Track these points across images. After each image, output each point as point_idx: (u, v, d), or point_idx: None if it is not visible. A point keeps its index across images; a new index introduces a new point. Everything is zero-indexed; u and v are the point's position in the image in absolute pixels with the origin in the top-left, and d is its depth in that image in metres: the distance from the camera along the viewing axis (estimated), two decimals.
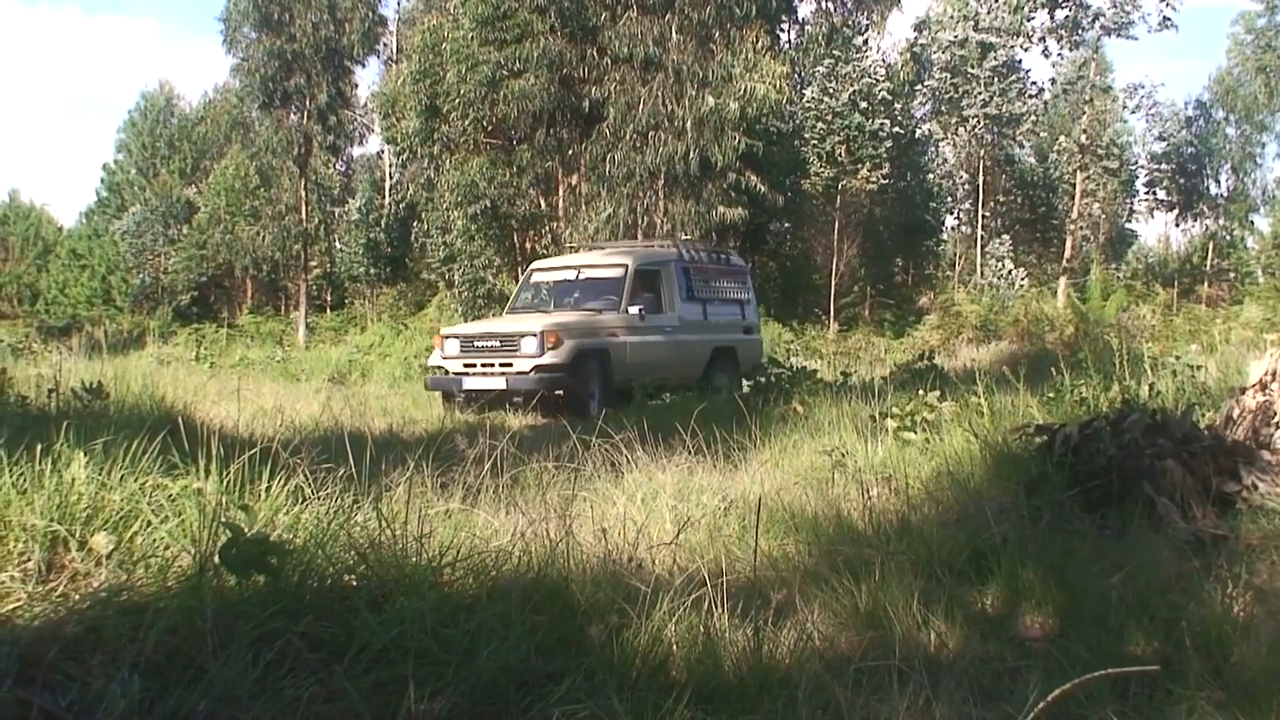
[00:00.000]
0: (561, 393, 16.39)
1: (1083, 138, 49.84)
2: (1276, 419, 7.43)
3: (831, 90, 46.93)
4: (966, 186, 54.54)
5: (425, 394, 18.67)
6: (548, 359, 16.50)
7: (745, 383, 18.28)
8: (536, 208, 37.07)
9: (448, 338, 17.76)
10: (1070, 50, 49.64)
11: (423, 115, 38.16)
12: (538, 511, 6.05)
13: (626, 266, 18.65)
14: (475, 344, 17.25)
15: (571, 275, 19.43)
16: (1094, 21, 47.37)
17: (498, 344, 17.02)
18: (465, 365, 17.16)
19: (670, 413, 11.94)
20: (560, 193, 37.54)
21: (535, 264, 21.14)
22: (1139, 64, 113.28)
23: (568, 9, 33.48)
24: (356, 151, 60.12)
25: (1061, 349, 20.74)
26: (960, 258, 55.84)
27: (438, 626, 3.86)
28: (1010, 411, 9.19)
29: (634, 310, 18.10)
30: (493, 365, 16.86)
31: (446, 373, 17.46)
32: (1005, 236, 51.57)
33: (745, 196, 35.99)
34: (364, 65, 50.49)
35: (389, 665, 3.67)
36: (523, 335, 16.80)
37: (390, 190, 54.21)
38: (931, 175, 54.38)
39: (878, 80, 47.66)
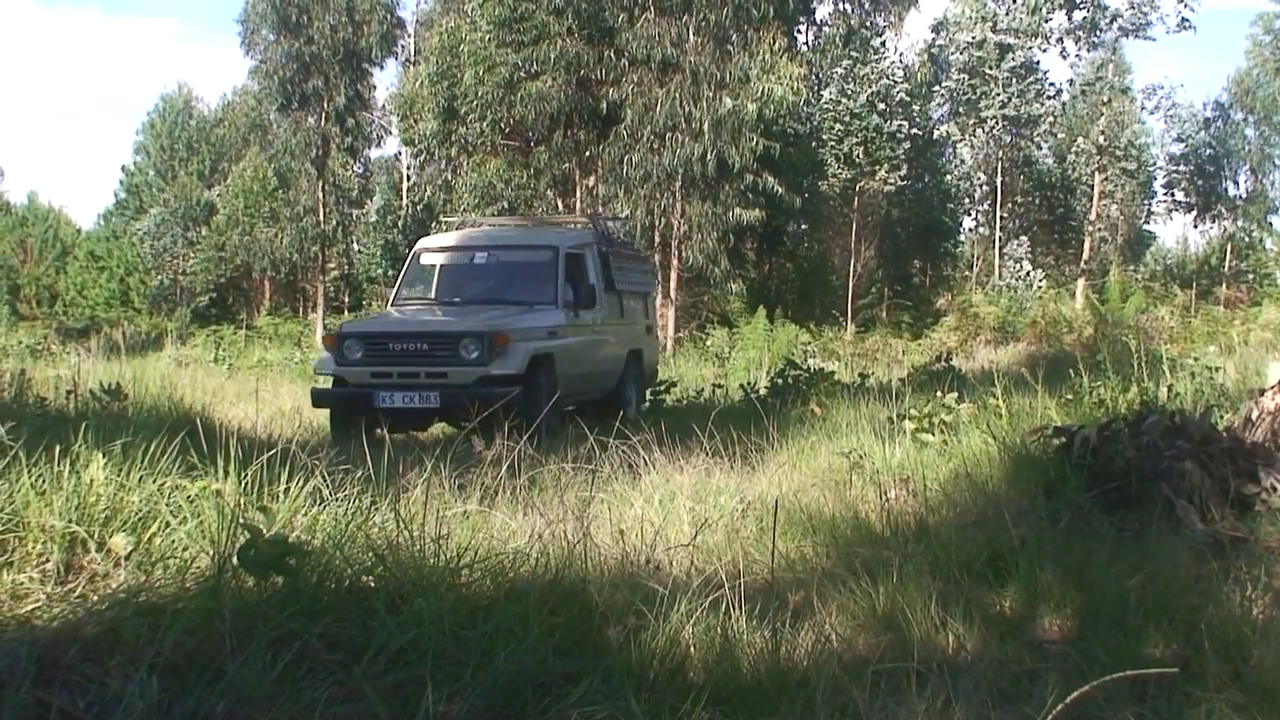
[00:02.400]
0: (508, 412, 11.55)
1: (1101, 139, 49.71)
2: None
3: (849, 91, 46.88)
4: (984, 188, 54.43)
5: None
6: (496, 367, 12.71)
7: (648, 394, 16.69)
8: (554, 209, 37.08)
9: (347, 338, 13.27)
10: (1088, 51, 49.54)
11: (440, 117, 38.24)
12: (555, 513, 6.04)
13: (556, 249, 14.78)
14: (391, 347, 13.10)
15: (481, 258, 15.22)
16: (1112, 22, 47.24)
17: (424, 347, 13.03)
18: (375, 375, 12.88)
19: (686, 414, 11.96)
20: (578, 194, 37.58)
21: (424, 242, 16.16)
22: (1157, 65, 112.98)
23: (585, 11, 33.52)
24: (374, 153, 60.15)
25: (1080, 351, 20.70)
26: (978, 259, 55.71)
27: (455, 628, 3.86)
28: (1028, 413, 9.17)
29: (569, 304, 14.33)
30: (417, 375, 12.84)
31: (343, 384, 13.12)
32: (1023, 238, 51.46)
33: (762, 198, 36.00)
34: (382, 67, 50.50)
35: (407, 666, 3.67)
36: (462, 336, 12.90)
37: (408, 192, 54.26)
38: (949, 176, 54.26)
39: (895, 81, 47.62)
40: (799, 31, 46.27)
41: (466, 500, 5.96)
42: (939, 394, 10.03)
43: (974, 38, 49.01)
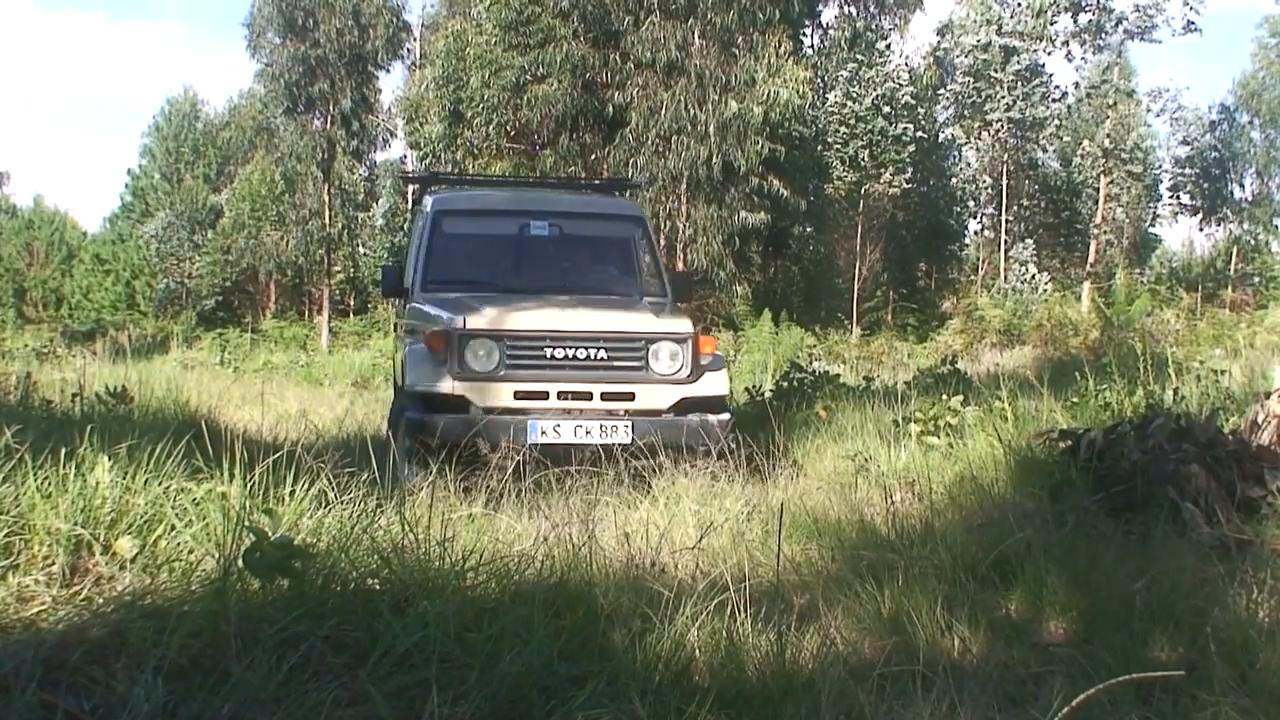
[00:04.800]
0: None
1: (1106, 142, 49.69)
2: None
3: (854, 94, 46.89)
4: (990, 191, 54.37)
5: None
6: (704, 386, 9.40)
7: None
8: None
9: (472, 336, 9.08)
10: (1094, 54, 49.51)
11: (446, 120, 38.29)
12: (560, 516, 6.05)
13: (641, 220, 11.85)
14: (547, 352, 9.19)
15: (540, 229, 11.10)
16: (1117, 25, 47.23)
17: (600, 354, 9.24)
18: (522, 395, 9.10)
19: None
20: None
21: (442, 200, 11.49)
22: (1163, 68, 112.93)
23: (591, 14, 33.53)
24: (380, 156, 60.23)
25: (1086, 354, 20.70)
26: (984, 262, 55.66)
27: (461, 631, 3.86)
28: (1034, 416, 9.17)
29: (665, 296, 11.12)
30: (588, 396, 9.17)
31: (466, 407, 8.99)
32: (1029, 241, 51.44)
33: (768, 201, 36.00)
34: (388, 70, 50.66)
35: (412, 669, 3.67)
36: (658, 339, 9.33)
37: (411, 195, 54.25)
38: (954, 180, 54.25)
39: (901, 84, 47.62)
40: (804, 35, 46.26)
41: (472, 503, 5.97)
42: (944, 397, 10.03)
43: (979, 41, 49.00)
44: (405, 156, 56.29)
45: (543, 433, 8.83)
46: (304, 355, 34.44)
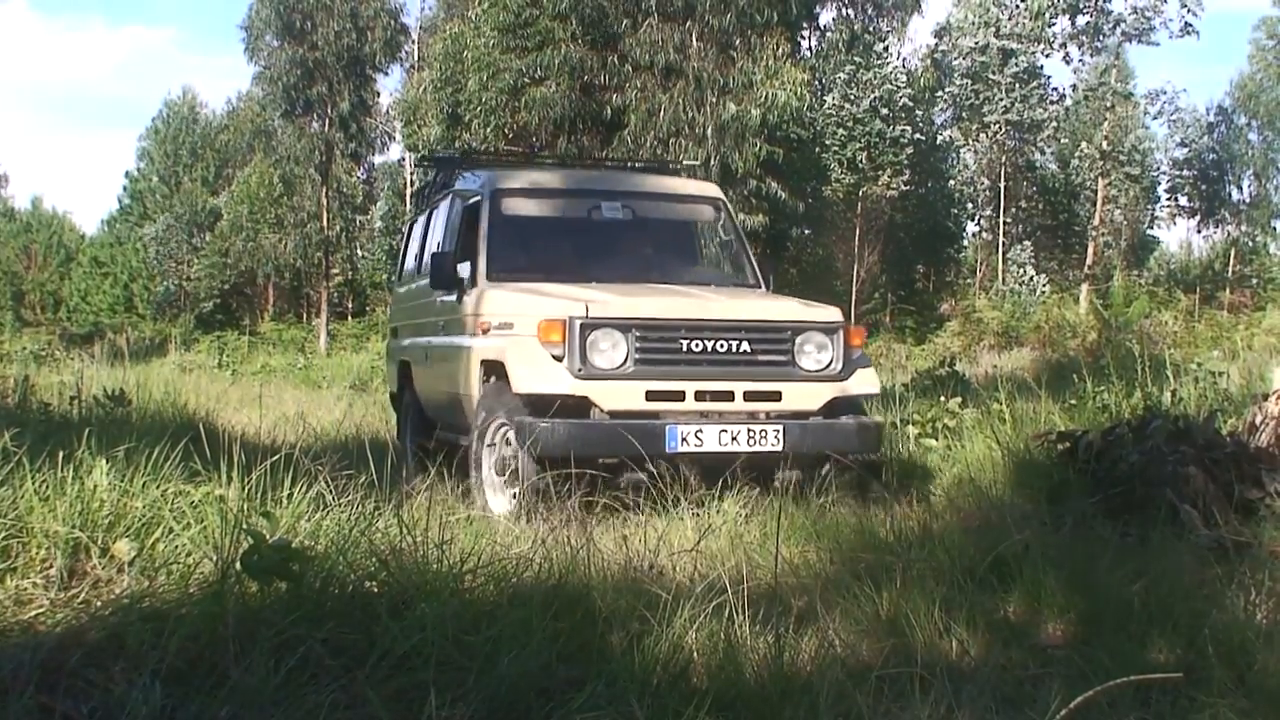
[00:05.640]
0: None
1: (1104, 144, 49.68)
2: None
3: (852, 97, 46.88)
4: (988, 193, 54.35)
5: None
6: (856, 384, 8.38)
7: None
8: None
9: (596, 326, 7.81)
10: (1091, 56, 49.49)
11: (444, 123, 38.28)
12: (558, 518, 6.05)
13: (719, 203, 10.56)
14: (682, 345, 7.94)
15: (612, 211, 9.98)
16: (1115, 27, 47.20)
17: (743, 347, 8.02)
18: (655, 395, 7.89)
19: None
20: None
21: (494, 178, 10.11)
22: (1160, 70, 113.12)
23: (589, 16, 33.51)
24: (378, 159, 60.36)
25: (1084, 355, 20.72)
26: (982, 264, 55.65)
27: (459, 633, 3.86)
28: (1032, 418, 9.17)
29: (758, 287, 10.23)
30: (729, 396, 7.98)
31: (587, 411, 7.80)
32: (1027, 243, 51.43)
33: (766, 203, 35.96)
34: (386, 73, 50.65)
35: (410, 672, 3.67)
36: (805, 329, 8.24)
37: (412, 198, 54.28)
38: (953, 181, 54.24)
39: (899, 87, 47.61)
40: (802, 37, 46.16)
41: (470, 506, 5.97)
42: (942, 399, 10.05)
43: (977, 43, 48.98)
44: (403, 159, 56.32)
45: (683, 439, 7.63)
46: (302, 358, 34.51)
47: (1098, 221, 50.31)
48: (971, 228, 58.48)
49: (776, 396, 8.02)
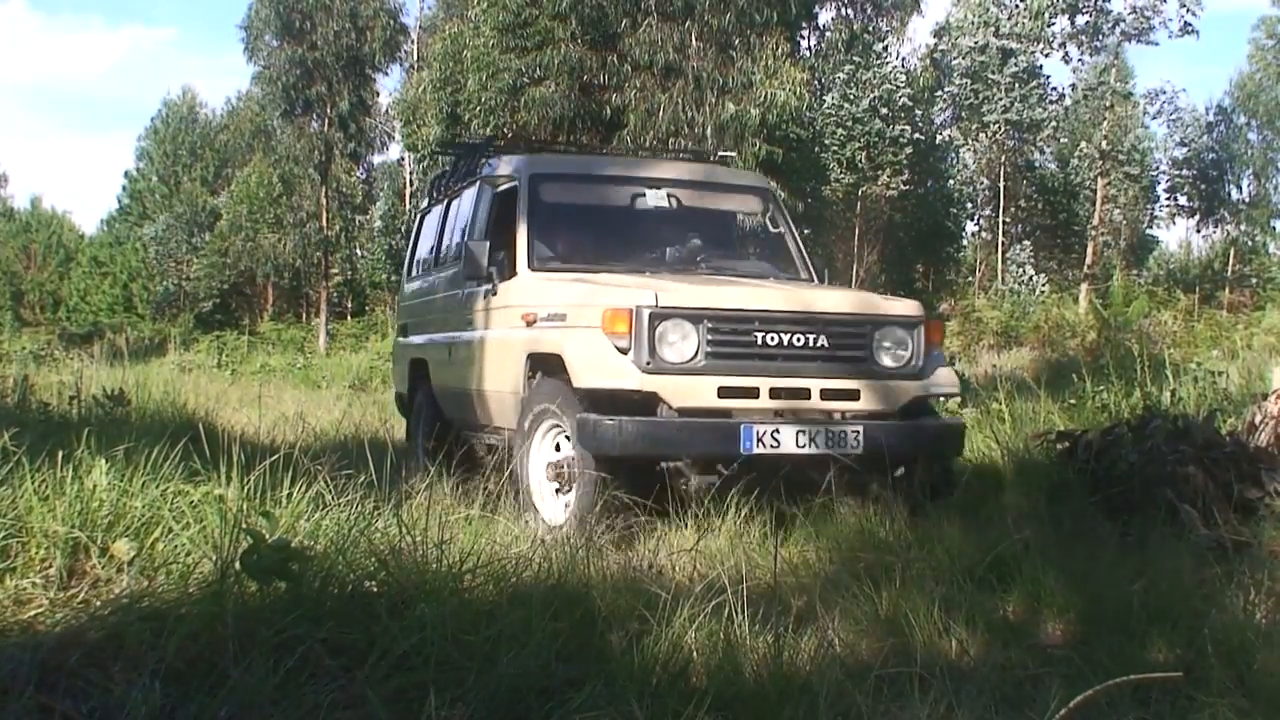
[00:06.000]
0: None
1: (1104, 143, 49.66)
2: None
3: (852, 96, 46.86)
4: (987, 192, 54.37)
5: None
6: (937, 382, 7.76)
7: None
8: None
9: (665, 316, 7.14)
10: (1091, 56, 49.47)
11: (444, 122, 38.24)
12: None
13: (768, 193, 10.15)
14: (757, 337, 7.29)
15: (657, 199, 9.34)
16: (1114, 27, 47.18)
17: (821, 341, 7.39)
18: (727, 392, 7.20)
19: None
20: None
21: (529, 163, 9.43)
22: (1160, 69, 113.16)
23: (588, 16, 33.49)
24: (377, 159, 60.28)
25: (1083, 355, 20.71)
26: (981, 264, 55.66)
27: (458, 633, 3.86)
28: (1031, 418, 9.18)
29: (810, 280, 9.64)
30: (805, 394, 7.34)
31: (654, 408, 7.14)
32: (1026, 242, 51.45)
33: None
34: (385, 73, 50.64)
35: (409, 672, 3.67)
36: (884, 324, 7.61)
37: (411, 197, 54.28)
38: (952, 181, 54.23)
39: (898, 86, 47.59)
40: (802, 36, 46.13)
41: (470, 505, 5.96)
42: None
43: (976, 43, 48.98)
44: (403, 159, 56.30)
45: (758, 440, 6.96)
46: (302, 357, 34.49)
47: (1097, 221, 50.30)
48: (971, 227, 58.54)
49: (854, 395, 7.39)
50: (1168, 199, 59.03)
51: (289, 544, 4.13)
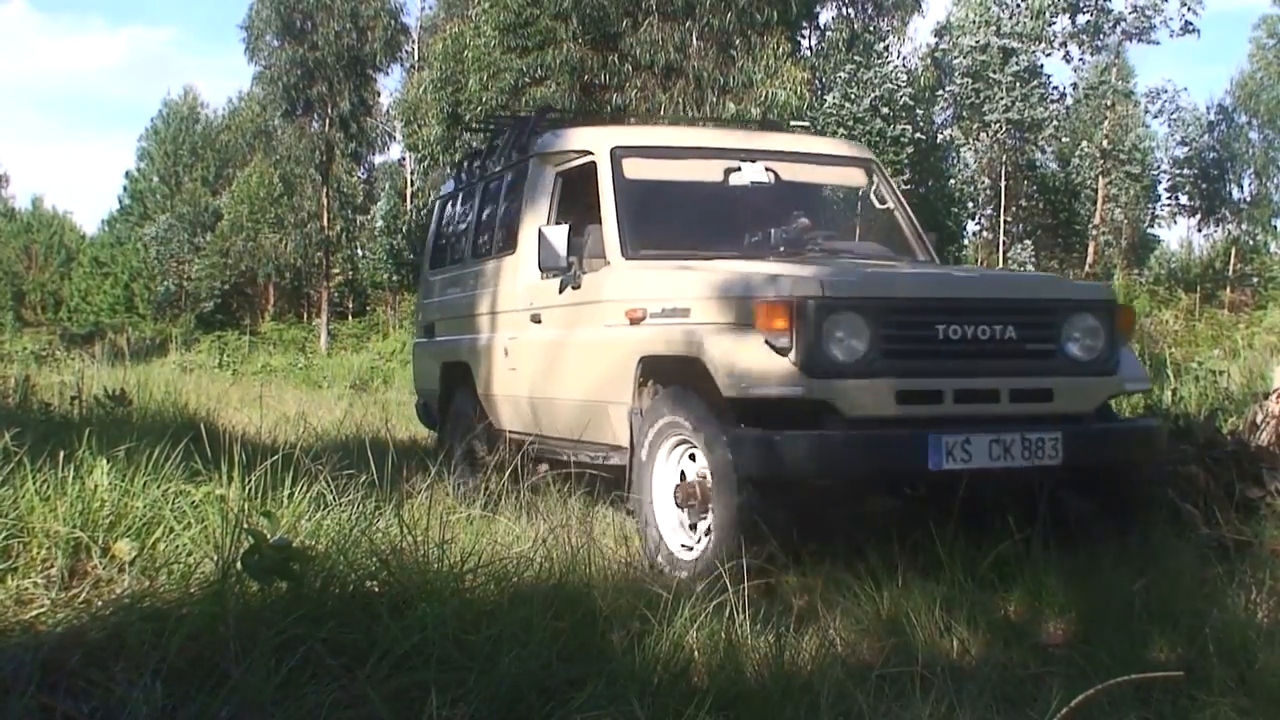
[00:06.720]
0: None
1: (1105, 143, 49.68)
2: None
3: (853, 96, 46.81)
4: (988, 192, 54.31)
5: None
6: (1130, 379, 6.61)
7: None
8: None
9: (835, 308, 5.75)
10: (1092, 55, 49.50)
11: (445, 122, 38.23)
12: (559, 518, 6.03)
13: (871, 166, 8.94)
14: (938, 330, 5.95)
15: (755, 174, 8.02)
16: (1115, 26, 47.18)
17: (1008, 332, 6.05)
18: (907, 397, 5.87)
19: None
20: None
21: (609, 135, 8.26)
22: (1161, 68, 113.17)
23: (589, 16, 33.49)
24: (378, 159, 60.32)
25: None
26: (983, 263, 55.64)
27: (459, 633, 3.86)
28: None
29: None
30: (994, 396, 6.05)
31: (819, 419, 5.75)
32: (1027, 242, 51.42)
33: None
34: (386, 73, 50.66)
35: (411, 672, 3.66)
36: (1074, 307, 6.36)
37: (412, 197, 54.26)
38: (953, 181, 54.15)
39: (899, 86, 47.53)
40: (802, 36, 46.16)
41: (471, 506, 5.96)
42: None
43: (977, 42, 48.95)
44: (403, 158, 56.32)
45: (949, 454, 5.73)
46: (303, 358, 34.51)
47: (1098, 220, 50.32)
48: (972, 227, 58.47)
49: (1047, 395, 6.17)
50: (1169, 198, 58.97)
51: (290, 544, 4.13)
